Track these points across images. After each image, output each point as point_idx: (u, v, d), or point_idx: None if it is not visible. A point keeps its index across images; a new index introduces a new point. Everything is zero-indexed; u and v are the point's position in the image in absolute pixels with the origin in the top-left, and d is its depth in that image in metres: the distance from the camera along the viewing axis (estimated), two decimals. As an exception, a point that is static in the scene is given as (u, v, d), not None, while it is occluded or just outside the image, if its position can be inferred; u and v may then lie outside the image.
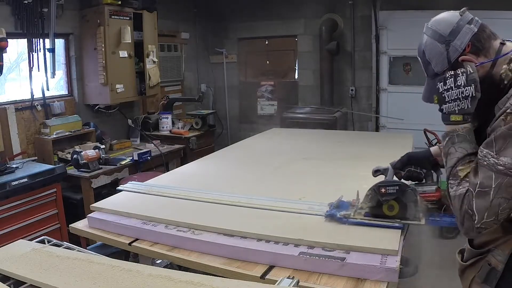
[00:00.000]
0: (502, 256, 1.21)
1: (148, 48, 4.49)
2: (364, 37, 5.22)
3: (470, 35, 1.25)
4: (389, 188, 1.53)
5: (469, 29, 1.26)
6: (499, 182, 1.09)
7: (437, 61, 1.30)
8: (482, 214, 1.11)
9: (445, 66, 1.28)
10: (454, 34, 1.26)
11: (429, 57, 1.32)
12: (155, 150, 4.24)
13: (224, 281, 1.15)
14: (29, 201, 3.13)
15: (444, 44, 1.27)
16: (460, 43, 1.25)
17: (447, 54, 1.27)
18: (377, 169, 1.77)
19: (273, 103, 5.98)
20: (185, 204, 1.90)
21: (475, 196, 1.12)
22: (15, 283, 1.22)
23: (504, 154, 1.09)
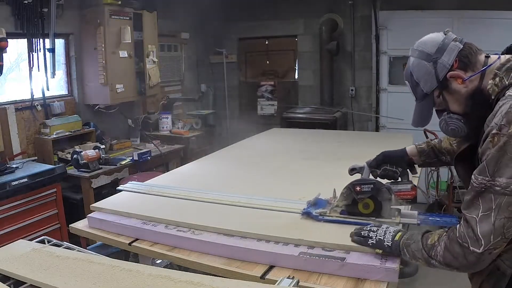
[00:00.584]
0: (510, 261, 1.21)
1: (148, 48, 4.49)
2: (364, 37, 5.22)
3: (457, 51, 1.26)
4: (364, 187, 1.56)
5: (455, 45, 1.26)
6: (498, 202, 1.09)
7: (425, 80, 1.30)
8: (488, 238, 1.10)
9: (434, 84, 1.29)
10: (441, 51, 1.27)
11: (417, 78, 1.32)
12: (155, 150, 4.24)
13: (224, 281, 1.15)
14: (29, 201, 3.13)
15: (431, 62, 1.28)
16: (447, 60, 1.26)
17: (435, 72, 1.27)
18: (353, 167, 1.77)
19: (273, 103, 5.98)
20: (185, 204, 1.90)
21: (479, 222, 1.12)
22: (15, 283, 1.22)
23: (498, 175, 1.09)
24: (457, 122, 1.28)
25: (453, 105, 1.29)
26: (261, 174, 2.42)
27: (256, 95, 6.05)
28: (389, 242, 1.34)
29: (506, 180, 1.08)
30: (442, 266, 1.22)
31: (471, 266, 1.16)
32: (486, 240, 1.11)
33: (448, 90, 1.28)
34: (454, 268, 1.20)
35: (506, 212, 1.09)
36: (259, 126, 5.50)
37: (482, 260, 1.14)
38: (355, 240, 1.43)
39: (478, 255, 1.12)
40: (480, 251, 1.12)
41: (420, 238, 1.28)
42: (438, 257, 1.21)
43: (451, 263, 1.19)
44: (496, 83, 1.19)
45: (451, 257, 1.18)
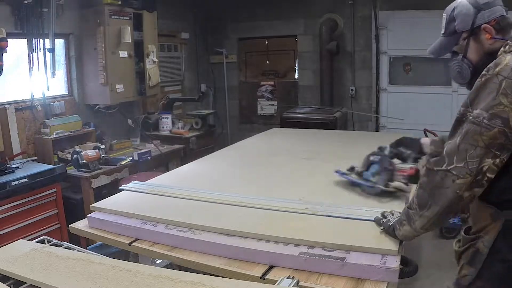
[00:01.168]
0: (488, 242, 1.27)
1: (148, 48, 4.49)
2: (364, 37, 5.23)
3: (499, 14, 1.37)
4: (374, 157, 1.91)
5: (501, 9, 1.38)
6: (466, 129, 1.21)
7: (462, 19, 1.39)
8: (451, 157, 1.21)
9: (467, 27, 1.39)
10: (488, 5, 1.37)
11: (457, 14, 1.41)
12: (155, 150, 4.24)
13: (224, 281, 1.15)
14: (29, 201, 3.13)
15: (476, 9, 1.37)
16: (489, 14, 1.36)
17: (475, 18, 1.37)
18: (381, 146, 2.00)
19: (273, 103, 5.99)
20: (185, 204, 1.90)
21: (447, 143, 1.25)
22: (15, 283, 1.22)
23: (474, 106, 1.21)
24: (466, 68, 1.40)
25: (472, 53, 1.40)
26: (261, 174, 2.42)
27: (256, 95, 6.06)
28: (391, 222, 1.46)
29: (478, 111, 1.19)
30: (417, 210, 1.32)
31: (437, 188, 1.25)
32: (449, 159, 1.22)
33: (475, 38, 1.39)
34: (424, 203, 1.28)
35: (470, 139, 1.19)
36: (259, 126, 5.51)
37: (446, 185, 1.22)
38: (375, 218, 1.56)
39: (441, 173, 1.23)
40: (442, 168, 1.22)
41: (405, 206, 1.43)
42: (414, 200, 1.34)
43: (422, 198, 1.30)
44: (505, 50, 1.30)
45: (421, 190, 1.31)
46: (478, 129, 1.18)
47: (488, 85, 1.20)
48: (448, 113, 4.69)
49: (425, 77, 4.92)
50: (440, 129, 4.45)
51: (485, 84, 1.21)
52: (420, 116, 4.78)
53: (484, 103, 1.19)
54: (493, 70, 1.21)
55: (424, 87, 4.90)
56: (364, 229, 1.54)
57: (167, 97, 5.13)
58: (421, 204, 1.30)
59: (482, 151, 1.18)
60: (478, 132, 1.18)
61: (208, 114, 5.22)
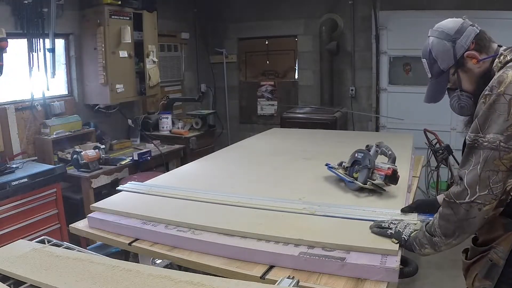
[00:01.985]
0: (503, 253, 1.24)
1: (148, 48, 4.49)
2: (364, 37, 5.22)
3: (474, 35, 1.37)
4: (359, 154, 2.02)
5: (473, 29, 1.38)
6: (484, 156, 1.18)
7: (443, 58, 1.40)
8: (474, 188, 1.18)
9: (451, 62, 1.39)
10: (460, 33, 1.38)
11: (436, 55, 1.42)
12: (155, 150, 4.24)
13: (224, 281, 1.15)
14: (29, 201, 3.13)
15: (450, 41, 1.38)
16: (465, 41, 1.37)
17: (454, 50, 1.38)
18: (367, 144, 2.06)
19: (273, 103, 5.98)
20: (185, 204, 1.90)
21: (467, 174, 1.21)
22: (15, 283, 1.22)
23: (488, 131, 1.18)
24: (467, 100, 1.39)
25: (466, 83, 1.39)
26: (261, 174, 2.42)
27: (256, 95, 6.06)
28: (406, 236, 1.40)
29: (493, 135, 1.17)
30: (442, 240, 1.28)
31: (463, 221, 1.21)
32: (472, 190, 1.18)
33: (463, 69, 1.38)
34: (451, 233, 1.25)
35: (491, 165, 1.17)
36: (259, 126, 5.52)
37: (473, 215, 1.19)
38: (374, 232, 1.48)
39: (466, 206, 1.19)
40: (466, 200, 1.19)
41: (424, 225, 1.37)
42: (436, 230, 1.28)
43: (447, 229, 1.26)
44: (501, 60, 1.30)
45: (445, 222, 1.26)
46: (497, 154, 1.16)
47: (496, 106, 1.18)
48: (448, 113, 4.68)
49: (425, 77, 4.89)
50: (440, 129, 4.46)
51: (492, 106, 1.18)
52: (420, 116, 4.77)
53: (497, 126, 1.16)
54: (498, 89, 1.19)
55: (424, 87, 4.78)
56: (364, 229, 1.54)
57: (167, 97, 5.13)
58: (447, 234, 1.27)
59: (505, 175, 1.17)
60: (498, 157, 1.16)
61: (208, 114, 5.21)
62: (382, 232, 1.45)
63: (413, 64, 5.01)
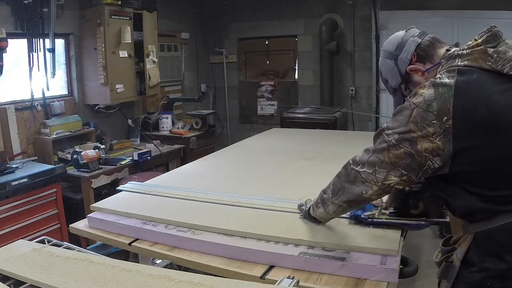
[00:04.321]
0: (460, 254, 1.24)
1: (148, 48, 4.49)
2: (364, 37, 5.22)
3: (415, 46, 1.35)
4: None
5: (413, 41, 1.36)
6: (378, 143, 1.26)
7: (391, 76, 1.43)
8: (363, 165, 1.28)
9: (399, 79, 1.40)
10: (400, 48, 1.38)
11: (385, 75, 1.46)
12: (155, 150, 4.24)
13: (224, 281, 1.15)
14: (29, 201, 3.12)
15: (392, 59, 1.40)
16: (406, 55, 1.36)
17: (397, 67, 1.39)
18: None
19: (273, 103, 5.99)
20: (185, 204, 1.90)
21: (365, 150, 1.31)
22: (15, 283, 1.22)
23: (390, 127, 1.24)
24: None
25: None
26: (261, 174, 2.42)
27: (256, 95, 6.06)
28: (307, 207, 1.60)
29: (390, 131, 1.23)
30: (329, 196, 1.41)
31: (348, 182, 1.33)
32: (361, 164, 1.29)
33: (412, 83, 1.38)
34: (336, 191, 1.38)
35: (380, 154, 1.25)
36: (259, 126, 5.51)
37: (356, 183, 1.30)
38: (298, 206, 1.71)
39: (354, 173, 1.30)
40: (356, 168, 1.30)
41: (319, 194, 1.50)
42: (330, 187, 1.42)
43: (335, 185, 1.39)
44: (439, 70, 1.27)
45: (337, 180, 1.39)
46: (386, 147, 1.23)
47: (403, 111, 1.22)
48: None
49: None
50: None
51: (402, 109, 1.23)
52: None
53: (396, 127, 1.22)
54: (411, 98, 1.22)
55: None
56: (364, 229, 1.54)
57: (167, 97, 5.13)
58: (334, 191, 1.39)
59: (388, 167, 1.23)
60: (386, 149, 1.23)
61: (208, 114, 5.22)
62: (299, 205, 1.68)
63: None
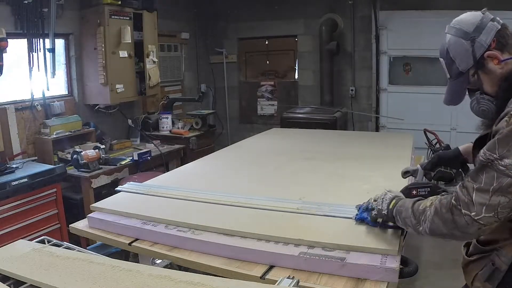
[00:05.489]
0: (506, 257, 1.21)
1: (148, 48, 4.49)
2: (364, 37, 5.23)
3: (495, 32, 1.25)
4: (420, 190, 1.50)
5: (493, 25, 1.26)
6: (500, 181, 1.10)
7: (461, 58, 1.30)
8: (480, 208, 1.11)
9: (470, 63, 1.29)
10: (479, 30, 1.26)
11: (454, 55, 1.32)
12: (155, 150, 4.24)
13: (224, 281, 1.15)
14: (29, 201, 3.13)
15: (469, 40, 1.27)
16: (485, 39, 1.25)
17: (473, 50, 1.27)
18: (407, 170, 1.75)
19: (273, 103, 5.99)
20: (185, 204, 1.90)
21: (476, 190, 1.12)
22: (15, 283, 1.22)
23: (506, 156, 1.09)
24: (488, 103, 1.28)
25: (487, 85, 1.29)
26: (261, 174, 2.42)
27: (256, 95, 6.06)
28: (385, 210, 1.40)
29: (509, 161, 1.08)
30: (428, 232, 1.24)
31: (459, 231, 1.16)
32: (478, 209, 1.11)
33: (484, 70, 1.27)
34: (440, 234, 1.21)
35: (504, 192, 1.09)
36: (259, 126, 5.51)
37: (470, 231, 1.14)
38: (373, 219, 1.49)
39: (469, 219, 1.12)
40: (471, 214, 1.12)
41: (411, 206, 1.30)
42: (426, 222, 1.23)
43: (438, 228, 1.20)
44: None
45: (440, 222, 1.19)
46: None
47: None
48: (448, 113, 4.69)
49: (425, 77, 4.91)
50: (440, 129, 4.45)
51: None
52: (420, 116, 4.77)
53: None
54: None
55: (424, 87, 4.89)
56: (364, 229, 1.54)
57: (167, 97, 5.13)
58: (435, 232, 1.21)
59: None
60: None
61: (208, 114, 5.22)
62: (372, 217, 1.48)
63: (413, 64, 5.01)
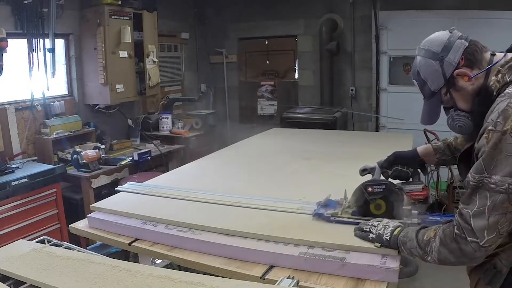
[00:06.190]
0: (507, 260, 1.22)
1: (148, 48, 4.49)
2: (364, 37, 5.22)
3: (463, 49, 1.27)
4: (376, 187, 1.55)
5: (461, 43, 1.28)
6: (493, 199, 1.11)
7: (432, 78, 1.32)
8: (482, 233, 1.12)
9: (441, 83, 1.31)
10: (447, 49, 1.29)
11: (425, 76, 1.34)
12: (155, 150, 4.24)
13: (224, 281, 1.15)
14: (29, 201, 3.13)
15: (438, 60, 1.30)
16: (453, 57, 1.28)
17: (442, 70, 1.29)
18: (364, 168, 1.78)
19: (273, 103, 5.98)
20: (185, 204, 1.90)
21: (473, 216, 1.14)
22: (15, 283, 1.22)
23: (494, 172, 1.11)
24: (464, 119, 1.30)
25: (460, 102, 1.30)
26: (261, 174, 2.42)
27: (256, 95, 6.06)
28: (387, 236, 1.36)
29: (500, 178, 1.10)
30: (437, 262, 1.24)
31: (467, 258, 1.17)
32: (480, 235, 1.12)
33: (455, 88, 1.29)
34: (449, 263, 1.22)
35: (500, 209, 1.11)
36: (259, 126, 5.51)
37: (478, 256, 1.16)
38: (357, 235, 1.45)
39: (475, 246, 1.13)
40: (477, 241, 1.13)
41: (415, 236, 1.29)
42: (434, 253, 1.23)
43: (446, 258, 1.20)
44: (498, 80, 1.21)
45: (447, 252, 1.20)
46: (506, 197, 1.10)
47: (502, 146, 1.09)
48: (448, 113, 4.69)
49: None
50: (439, 129, 4.44)
51: (498, 146, 1.10)
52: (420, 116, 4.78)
53: (504, 168, 1.09)
54: (502, 126, 1.10)
55: None
56: (364, 229, 1.54)
57: (167, 97, 5.13)
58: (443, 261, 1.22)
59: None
60: (507, 200, 1.10)
61: (208, 114, 5.22)
62: (364, 236, 1.42)
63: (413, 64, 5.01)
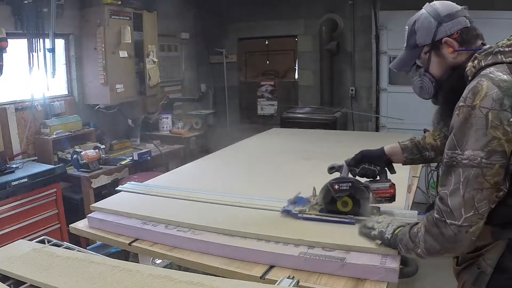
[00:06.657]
0: (491, 260, 1.22)
1: (148, 48, 4.49)
2: (364, 37, 5.22)
3: (462, 26, 1.31)
4: (342, 185, 1.59)
5: (464, 21, 1.32)
6: (466, 175, 1.11)
7: (422, 32, 1.36)
8: (459, 211, 1.12)
9: (428, 40, 1.34)
10: (450, 18, 1.32)
11: (417, 27, 1.37)
12: (155, 150, 4.24)
13: (224, 281, 1.15)
14: (29, 201, 3.13)
15: (437, 21, 1.33)
16: (451, 27, 1.31)
17: (435, 31, 1.32)
18: (332, 166, 1.79)
19: (273, 103, 5.98)
20: (185, 204, 1.90)
21: (449, 195, 1.13)
22: (15, 283, 1.22)
23: (465, 148, 1.11)
24: (428, 83, 1.36)
25: (434, 67, 1.35)
26: (261, 174, 2.42)
27: (256, 95, 6.06)
28: (389, 235, 1.36)
29: (472, 152, 1.10)
30: (425, 253, 1.24)
31: (449, 243, 1.16)
32: (457, 214, 1.12)
33: (437, 52, 1.34)
34: (436, 252, 1.21)
35: (474, 184, 1.10)
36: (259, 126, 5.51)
37: (460, 239, 1.14)
38: (361, 231, 1.44)
39: (455, 228, 1.12)
40: (456, 223, 1.12)
41: (408, 231, 1.31)
42: (421, 243, 1.24)
43: (432, 246, 1.20)
44: (474, 65, 1.23)
45: (431, 239, 1.20)
46: (479, 171, 1.09)
47: (472, 120, 1.10)
48: (448, 113, 4.69)
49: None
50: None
51: (468, 120, 1.11)
52: (420, 116, 4.75)
53: (476, 142, 1.09)
54: (472, 101, 1.11)
55: None
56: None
57: (167, 97, 5.13)
58: (430, 251, 1.22)
59: (489, 192, 1.10)
60: (481, 174, 1.09)
61: (208, 114, 5.22)
62: (367, 233, 1.42)
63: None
